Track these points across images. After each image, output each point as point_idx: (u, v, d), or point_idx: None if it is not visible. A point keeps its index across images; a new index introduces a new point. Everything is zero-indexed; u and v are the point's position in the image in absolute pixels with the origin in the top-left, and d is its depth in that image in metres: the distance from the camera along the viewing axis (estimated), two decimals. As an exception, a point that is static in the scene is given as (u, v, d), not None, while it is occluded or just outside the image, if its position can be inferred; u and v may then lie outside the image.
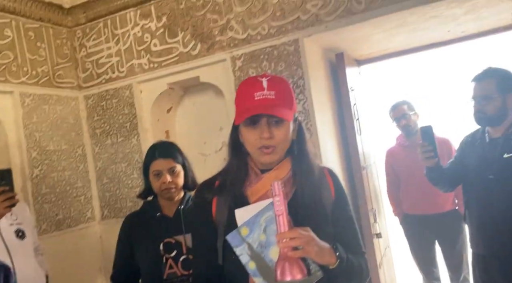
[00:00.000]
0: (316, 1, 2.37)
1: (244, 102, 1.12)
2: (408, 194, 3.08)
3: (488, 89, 1.94)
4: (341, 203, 1.21)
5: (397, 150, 3.17)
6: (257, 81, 1.12)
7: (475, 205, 2.02)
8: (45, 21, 2.90)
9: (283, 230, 0.99)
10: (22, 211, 2.09)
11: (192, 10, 2.71)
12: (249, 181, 1.18)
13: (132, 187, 2.97)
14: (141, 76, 2.91)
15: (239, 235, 1.10)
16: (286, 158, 1.18)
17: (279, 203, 1.00)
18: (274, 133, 1.10)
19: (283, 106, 1.10)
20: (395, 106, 3.09)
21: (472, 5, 2.26)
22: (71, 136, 3.01)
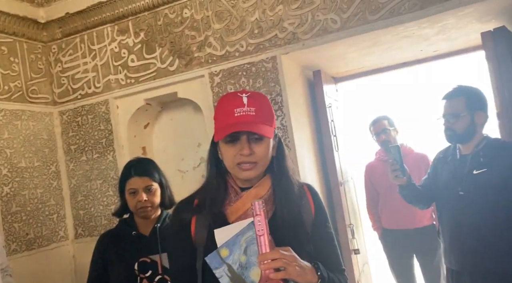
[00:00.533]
0: (293, 19, 2.42)
1: (224, 118, 1.10)
2: (387, 209, 3.12)
3: (457, 107, 1.97)
4: (321, 220, 1.20)
5: (376, 164, 3.21)
6: (237, 97, 1.11)
7: (446, 221, 2.05)
8: (19, 35, 2.84)
9: (265, 250, 0.97)
10: None
11: (170, 26, 2.71)
12: (229, 200, 1.15)
13: (108, 205, 2.90)
14: (118, 92, 2.88)
15: (219, 256, 1.07)
16: (266, 175, 1.17)
17: (260, 223, 0.97)
18: (254, 150, 1.09)
19: (263, 122, 1.10)
20: (376, 120, 3.12)
21: (442, 26, 2.34)
22: (44, 153, 2.93)
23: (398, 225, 3.06)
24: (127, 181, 1.73)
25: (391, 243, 3.13)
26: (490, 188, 1.86)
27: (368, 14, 2.26)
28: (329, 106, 2.89)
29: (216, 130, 1.13)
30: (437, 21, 2.25)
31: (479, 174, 1.90)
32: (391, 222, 3.10)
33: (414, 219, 2.98)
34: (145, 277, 1.67)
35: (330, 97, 3.00)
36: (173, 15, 2.70)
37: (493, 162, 1.88)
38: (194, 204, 1.19)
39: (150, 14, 2.76)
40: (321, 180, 2.85)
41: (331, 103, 2.95)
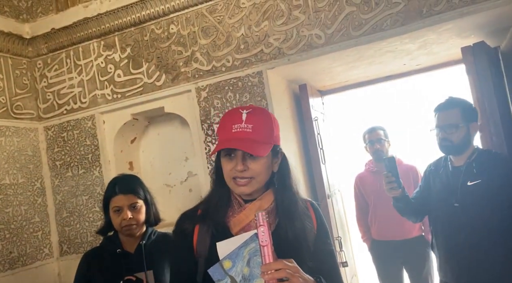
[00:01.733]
0: (278, 35, 2.45)
1: (223, 133, 1.14)
2: (376, 220, 3.12)
3: (454, 118, 1.96)
4: (323, 236, 1.21)
5: (365, 175, 3.22)
6: (237, 113, 1.13)
7: (441, 234, 2.03)
8: (4, 51, 2.83)
9: (268, 261, 0.97)
10: None
11: (156, 41, 2.73)
12: (232, 211, 1.16)
13: (94, 221, 2.86)
14: (104, 107, 2.87)
15: (222, 268, 1.07)
16: (269, 189, 1.18)
17: (264, 234, 0.97)
18: (249, 166, 1.11)
19: (259, 140, 1.10)
20: (372, 129, 3.14)
21: (424, 41, 2.40)
22: (29, 169, 2.89)
23: (387, 236, 3.06)
24: (112, 198, 1.72)
25: (380, 254, 3.13)
26: (484, 199, 1.86)
27: (352, 30, 2.30)
28: (316, 119, 2.92)
29: (217, 145, 1.16)
30: (418, 36, 2.30)
31: (473, 186, 1.90)
32: (380, 233, 3.11)
33: (403, 230, 2.99)
34: (130, 296, 1.65)
35: (316, 110, 3.03)
36: (160, 31, 2.71)
37: (486, 173, 1.89)
38: (198, 214, 1.20)
39: (136, 29, 2.77)
40: (308, 193, 2.86)
41: (317, 116, 2.97)
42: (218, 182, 1.19)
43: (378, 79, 3.20)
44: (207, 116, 2.62)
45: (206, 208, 1.19)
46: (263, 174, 1.14)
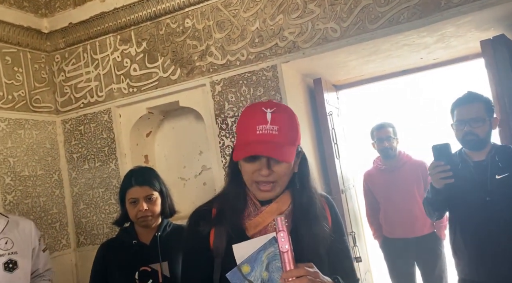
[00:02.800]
0: (293, 29, 2.44)
1: (245, 134, 1.07)
2: (387, 218, 3.09)
3: (478, 112, 1.92)
4: (338, 232, 1.18)
5: (374, 173, 3.19)
6: (261, 112, 1.06)
7: (469, 229, 1.96)
8: (23, 46, 2.88)
9: (289, 268, 0.94)
10: (22, 235, 1.95)
11: (172, 36, 2.74)
12: (248, 213, 1.13)
13: (110, 213, 2.91)
14: (120, 101, 2.90)
15: (240, 273, 1.05)
16: (287, 190, 1.13)
17: (283, 240, 0.95)
18: (274, 169, 1.06)
19: (286, 143, 1.05)
20: (381, 126, 3.07)
21: (442, 35, 2.36)
22: (47, 161, 2.95)
23: (398, 234, 3.02)
24: (128, 190, 1.74)
25: (392, 252, 3.09)
26: None
27: (368, 23, 2.28)
28: (330, 114, 2.90)
29: (236, 145, 1.10)
30: (436, 29, 2.26)
31: (502, 179, 1.88)
32: (391, 231, 3.07)
33: (414, 228, 2.96)
34: (145, 286, 1.67)
35: (331, 104, 3.02)
36: (175, 25, 2.73)
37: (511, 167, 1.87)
38: (213, 214, 1.16)
39: (152, 24, 2.79)
40: (322, 187, 2.84)
41: (331, 110, 2.96)
42: (234, 181, 1.15)
43: (394, 73, 3.16)
44: (221, 110, 2.63)
45: (221, 208, 1.15)
46: (287, 177, 1.10)
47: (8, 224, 1.94)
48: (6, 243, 1.87)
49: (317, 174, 2.80)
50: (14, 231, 1.93)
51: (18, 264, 1.87)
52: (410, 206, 2.94)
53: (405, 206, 2.96)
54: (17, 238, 1.92)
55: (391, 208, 3.02)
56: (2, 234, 1.89)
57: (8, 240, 1.88)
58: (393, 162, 3.05)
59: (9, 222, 1.95)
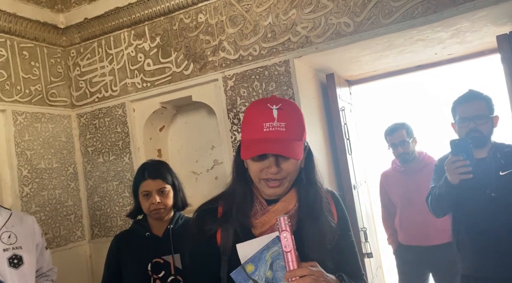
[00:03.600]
0: (306, 23, 2.43)
1: (252, 132, 1.06)
2: (403, 223, 2.91)
3: (482, 110, 1.95)
4: (343, 228, 1.18)
5: (391, 174, 3.01)
6: (267, 110, 1.05)
7: (474, 225, 1.96)
8: (40, 40, 2.93)
9: (292, 267, 0.96)
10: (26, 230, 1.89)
11: (185, 31, 2.76)
12: (254, 212, 1.13)
13: (123, 206, 2.96)
14: (134, 95, 2.94)
15: (244, 272, 1.06)
16: (293, 188, 1.14)
17: (286, 239, 0.96)
18: (282, 166, 1.06)
19: (293, 139, 1.05)
20: (393, 130, 2.84)
21: (457, 30, 2.33)
22: (62, 154, 3.01)
23: (414, 241, 2.83)
24: (141, 183, 1.77)
25: (406, 260, 2.91)
26: None
27: (382, 17, 2.26)
28: (343, 109, 2.89)
29: (243, 143, 1.09)
30: (451, 24, 2.23)
31: (506, 175, 1.91)
32: (407, 237, 2.89)
33: (432, 236, 2.75)
34: (158, 278, 1.70)
35: (344, 100, 3.01)
36: (188, 20, 2.75)
37: None
38: (219, 213, 1.16)
39: (166, 19, 2.81)
40: (334, 183, 2.85)
41: (344, 106, 2.95)
42: (240, 179, 1.15)
43: (407, 69, 3.13)
44: (233, 105, 2.64)
45: (228, 207, 1.15)
46: (295, 173, 1.10)
47: (11, 217, 1.87)
48: (9, 237, 1.79)
49: (328, 169, 2.80)
50: (17, 225, 1.86)
51: (23, 260, 1.81)
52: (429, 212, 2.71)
53: (424, 212, 2.61)
54: (21, 233, 1.85)
55: (408, 213, 2.85)
56: (5, 228, 1.81)
57: (11, 234, 1.80)
58: (412, 164, 2.86)
59: (12, 216, 1.88)
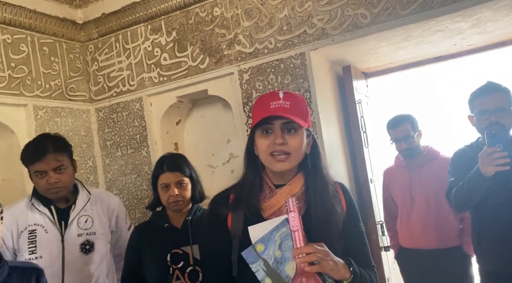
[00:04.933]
0: (322, 15, 2.42)
1: (260, 110, 1.15)
2: (404, 224, 2.64)
3: (503, 102, 1.89)
4: (352, 218, 1.22)
5: (394, 171, 2.75)
6: (274, 93, 1.17)
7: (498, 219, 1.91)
8: (59, 36, 2.98)
9: (299, 245, 1.00)
10: (104, 213, 1.92)
11: (201, 25, 2.77)
12: (263, 196, 1.19)
13: (141, 198, 3.00)
14: (151, 90, 2.97)
15: (255, 252, 1.11)
16: (299, 173, 1.20)
17: (294, 219, 1.01)
18: (287, 140, 1.13)
19: (297, 115, 1.13)
20: (396, 123, 2.58)
21: (477, 19, 2.28)
22: (82, 148, 3.07)
23: (418, 244, 2.56)
24: (160, 176, 1.80)
25: (408, 265, 2.66)
26: None
27: (399, 8, 2.23)
28: (359, 102, 2.87)
29: (253, 121, 1.17)
30: (472, 14, 2.19)
31: None
32: (409, 239, 2.62)
33: (438, 238, 2.49)
34: (177, 268, 1.73)
35: (360, 92, 2.98)
36: (204, 14, 2.75)
37: None
38: (230, 199, 1.23)
39: (181, 13, 2.83)
40: (350, 176, 2.84)
41: (361, 99, 2.92)
42: (250, 164, 1.22)
43: (426, 60, 3.07)
44: (249, 99, 2.65)
45: (239, 192, 1.21)
46: (300, 151, 1.15)
47: (90, 200, 1.90)
48: (86, 221, 1.84)
49: (345, 162, 2.79)
50: (96, 209, 1.89)
51: (94, 247, 1.84)
52: (433, 211, 2.51)
53: (427, 211, 2.53)
54: (98, 218, 1.88)
55: (409, 212, 2.60)
56: (83, 211, 1.86)
57: (88, 219, 1.84)
58: (417, 159, 2.60)
59: (91, 198, 1.91)
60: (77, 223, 1.83)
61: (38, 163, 1.74)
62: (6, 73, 2.63)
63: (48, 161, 1.75)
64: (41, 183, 1.76)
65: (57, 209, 1.83)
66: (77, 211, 1.85)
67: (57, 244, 1.78)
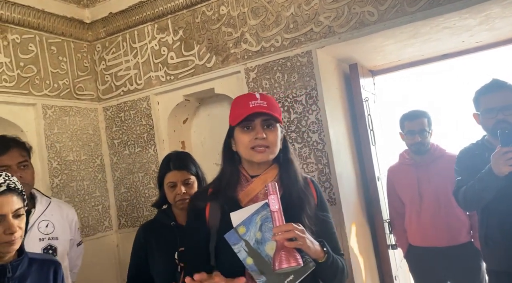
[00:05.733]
0: (329, 13, 2.41)
1: (240, 109, 1.28)
2: (413, 222, 2.62)
3: (509, 99, 1.87)
4: (323, 209, 1.36)
5: (399, 168, 2.74)
6: (250, 94, 1.31)
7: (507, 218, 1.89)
8: (67, 36, 3.01)
9: (279, 223, 1.12)
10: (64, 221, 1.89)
11: (207, 23, 2.78)
12: (240, 186, 1.31)
13: (149, 197, 3.02)
14: (158, 88, 2.98)
15: (237, 234, 1.20)
16: (273, 164, 1.34)
17: (274, 201, 1.12)
18: (267, 135, 1.27)
19: (274, 112, 1.28)
20: (414, 116, 2.59)
21: (486, 16, 2.26)
22: (90, 147, 3.09)
23: (428, 242, 2.54)
24: (166, 174, 1.81)
25: (418, 263, 2.63)
26: None
27: (407, 5, 2.22)
28: (366, 100, 2.86)
29: (232, 119, 1.31)
30: (480, 11, 2.17)
31: None
32: (419, 237, 2.60)
33: (448, 235, 2.48)
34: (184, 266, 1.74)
35: (367, 90, 2.97)
36: (210, 13, 2.76)
37: None
38: (208, 192, 1.35)
39: (188, 12, 2.83)
40: (357, 174, 2.83)
41: (368, 96, 2.91)
42: (228, 159, 1.35)
43: (433, 58, 3.05)
44: (256, 97, 2.64)
45: (217, 185, 1.34)
46: (276, 145, 1.29)
47: (50, 205, 1.87)
48: (46, 226, 1.80)
49: (351, 160, 2.78)
50: (56, 214, 1.86)
51: (57, 251, 1.81)
52: (443, 208, 2.50)
53: (437, 209, 2.52)
54: (59, 223, 1.85)
55: (419, 210, 2.58)
56: (43, 216, 1.81)
57: (49, 223, 1.81)
58: (424, 156, 2.60)
59: (51, 204, 1.89)
60: (38, 228, 1.78)
61: (1, 157, 1.71)
62: (15, 73, 2.66)
63: (12, 155, 1.73)
64: None
65: None
66: (37, 215, 1.81)
67: None
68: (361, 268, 2.55)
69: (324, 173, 2.45)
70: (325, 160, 2.45)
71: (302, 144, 2.51)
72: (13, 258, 1.31)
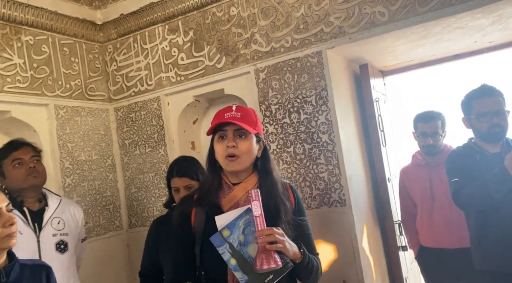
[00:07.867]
0: (339, 13, 2.40)
1: (216, 120, 1.39)
2: (425, 223, 2.61)
3: (501, 104, 1.98)
4: (300, 212, 1.45)
5: (411, 170, 2.73)
6: (228, 107, 1.41)
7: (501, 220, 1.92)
8: (79, 37, 3.04)
9: (261, 228, 1.23)
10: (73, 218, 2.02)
11: (217, 24, 2.79)
12: (222, 193, 1.40)
13: (159, 196, 3.04)
14: (169, 89, 3.00)
15: (221, 236, 1.29)
16: (253, 173, 1.42)
17: (257, 207, 1.23)
18: (238, 144, 1.35)
19: (246, 123, 1.36)
20: (428, 117, 2.57)
21: (498, 16, 2.23)
22: (101, 147, 3.12)
23: (439, 243, 2.52)
24: (171, 180, 1.94)
25: (430, 265, 2.60)
26: None
27: (418, 5, 2.20)
28: (377, 100, 2.84)
29: (207, 132, 1.41)
30: (493, 10, 2.14)
31: None
32: (430, 239, 2.58)
33: (460, 236, 2.38)
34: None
35: (378, 91, 2.95)
36: (221, 13, 2.77)
37: None
38: (194, 198, 1.44)
39: (198, 13, 2.85)
40: (367, 175, 2.81)
41: (378, 97, 2.90)
42: (211, 167, 1.44)
43: (445, 58, 3.02)
44: (265, 98, 2.65)
45: (201, 192, 1.43)
46: (249, 154, 1.37)
47: (61, 204, 2.00)
48: (58, 223, 1.93)
49: (362, 161, 2.77)
50: (66, 212, 1.99)
51: (68, 246, 1.93)
52: (455, 209, 2.33)
53: (449, 209, 2.46)
54: (69, 220, 1.98)
55: (431, 211, 2.57)
56: (56, 213, 1.94)
57: (60, 220, 1.94)
58: (436, 157, 2.59)
59: (61, 202, 2.01)
60: (51, 224, 1.90)
61: (15, 152, 1.87)
62: (29, 74, 2.70)
63: (25, 150, 1.90)
64: (20, 172, 1.86)
65: (30, 211, 1.88)
66: (51, 212, 1.94)
67: (32, 244, 1.84)
68: (371, 270, 2.53)
69: (334, 174, 2.45)
70: (335, 161, 2.44)
71: (312, 145, 2.51)
72: (4, 264, 1.30)
